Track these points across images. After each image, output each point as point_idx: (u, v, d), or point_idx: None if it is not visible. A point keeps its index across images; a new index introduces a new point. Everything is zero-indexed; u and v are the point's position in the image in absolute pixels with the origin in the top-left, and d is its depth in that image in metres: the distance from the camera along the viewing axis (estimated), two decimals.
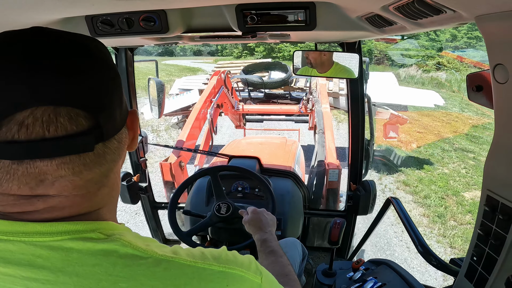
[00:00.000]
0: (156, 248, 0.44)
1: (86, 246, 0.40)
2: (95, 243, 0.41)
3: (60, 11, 0.88)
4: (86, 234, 0.42)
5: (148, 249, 0.43)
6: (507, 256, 0.67)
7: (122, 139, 0.47)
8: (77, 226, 0.42)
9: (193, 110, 3.55)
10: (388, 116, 5.33)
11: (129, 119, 0.50)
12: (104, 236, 0.42)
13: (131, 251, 0.42)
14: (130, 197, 2.09)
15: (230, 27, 1.04)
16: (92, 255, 0.40)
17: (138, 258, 0.42)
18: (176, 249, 0.47)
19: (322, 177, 2.71)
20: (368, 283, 1.10)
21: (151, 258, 0.42)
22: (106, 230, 0.44)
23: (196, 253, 0.47)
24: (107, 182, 0.47)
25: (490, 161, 0.72)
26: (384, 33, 1.02)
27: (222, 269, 0.47)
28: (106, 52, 0.46)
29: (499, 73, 0.61)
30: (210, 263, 0.46)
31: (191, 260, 0.45)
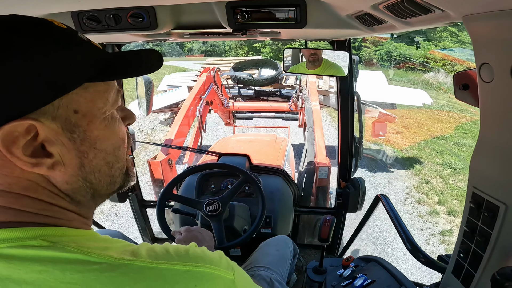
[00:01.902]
0: (115, 250, 0.41)
1: (29, 253, 0.37)
2: (38, 250, 0.38)
3: (45, 7, 0.85)
4: (27, 242, 0.38)
5: (102, 253, 0.40)
6: (492, 253, 0.68)
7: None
8: (16, 233, 0.38)
9: (182, 107, 3.53)
10: (377, 114, 5.39)
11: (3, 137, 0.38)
12: (48, 243, 0.39)
13: (81, 257, 0.39)
14: (118, 196, 2.06)
15: (220, 24, 1.03)
16: (37, 262, 0.37)
17: (91, 264, 0.38)
18: (138, 249, 0.43)
19: (311, 174, 2.73)
20: (358, 279, 1.11)
21: (105, 263, 0.39)
22: (52, 236, 0.40)
23: (160, 252, 0.44)
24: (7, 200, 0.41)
25: (475, 159, 0.73)
26: (374, 31, 1.03)
27: (188, 268, 0.43)
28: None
29: (485, 72, 0.62)
30: (175, 262, 0.43)
31: (152, 261, 0.41)
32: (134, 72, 0.50)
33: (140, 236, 2.48)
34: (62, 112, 0.41)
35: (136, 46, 9.48)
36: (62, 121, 0.41)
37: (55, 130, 0.41)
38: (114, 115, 0.49)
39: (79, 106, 0.43)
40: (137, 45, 1.72)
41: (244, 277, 0.52)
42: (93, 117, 0.45)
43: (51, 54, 0.39)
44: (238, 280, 0.48)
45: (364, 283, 1.09)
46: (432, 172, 5.99)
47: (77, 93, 0.42)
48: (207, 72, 4.39)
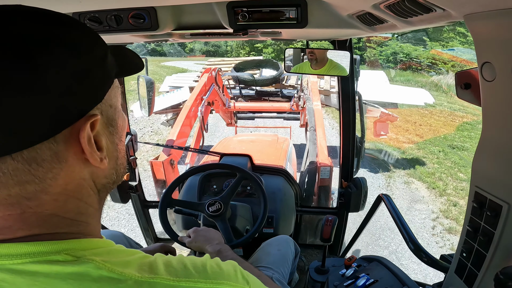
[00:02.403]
0: (135, 266, 0.40)
1: (54, 269, 0.36)
2: (63, 266, 0.36)
3: (46, 8, 0.86)
4: (51, 257, 0.37)
5: (125, 271, 0.39)
6: (495, 252, 0.68)
7: (40, 158, 0.36)
8: (39, 247, 0.37)
9: (184, 108, 3.53)
10: (378, 114, 5.38)
11: (77, 129, 0.39)
12: (73, 258, 0.38)
13: (106, 274, 0.37)
14: (120, 196, 2.06)
15: (221, 24, 1.03)
16: (62, 280, 0.35)
17: (116, 282, 0.37)
18: (156, 263, 0.42)
19: (313, 174, 2.73)
20: (360, 279, 1.11)
21: (130, 281, 0.38)
22: (76, 250, 0.39)
23: (178, 268, 0.43)
24: (38, 205, 0.38)
25: (478, 158, 0.73)
26: (375, 31, 1.02)
27: (209, 285, 0.43)
28: (25, 37, 0.34)
29: (486, 71, 0.62)
30: (196, 280, 0.42)
31: (173, 279, 0.41)
32: (135, 69, 0.51)
33: (143, 237, 2.48)
34: (104, 106, 0.43)
35: (137, 47, 9.46)
36: (105, 115, 0.44)
37: (102, 124, 0.43)
38: None
39: (111, 100, 0.45)
40: (138, 45, 1.72)
41: (258, 286, 0.53)
42: (118, 111, 0.47)
43: (97, 51, 0.41)
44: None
45: (366, 283, 1.09)
46: (458, 191, 5.11)
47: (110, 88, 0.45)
48: (209, 72, 4.39)
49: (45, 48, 0.34)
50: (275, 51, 24.89)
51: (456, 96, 0.82)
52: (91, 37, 0.41)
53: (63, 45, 0.36)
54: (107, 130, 0.44)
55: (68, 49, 0.37)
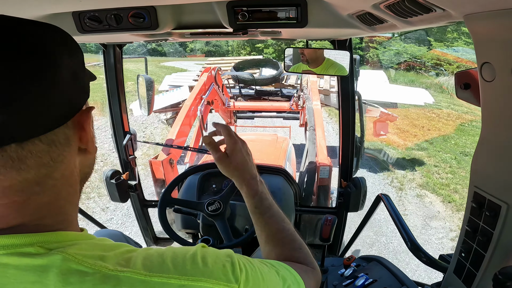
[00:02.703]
0: (112, 259, 0.40)
1: (23, 261, 0.37)
2: (33, 258, 0.37)
3: (46, 7, 0.86)
4: (23, 249, 0.38)
5: (97, 263, 0.39)
6: (494, 252, 0.68)
7: (57, 141, 0.40)
8: (13, 240, 0.38)
9: (183, 107, 3.52)
10: (378, 114, 5.38)
11: (81, 117, 0.44)
12: (45, 250, 0.38)
13: (75, 266, 0.38)
14: (119, 196, 2.06)
15: (221, 23, 1.03)
16: (31, 272, 0.36)
17: (83, 274, 0.37)
18: (135, 258, 0.42)
19: (313, 174, 2.73)
20: (359, 279, 1.11)
21: (98, 274, 0.38)
22: (49, 243, 0.39)
23: (156, 262, 0.42)
24: (42, 190, 0.41)
25: (477, 158, 0.73)
26: (375, 31, 1.02)
27: (183, 282, 0.41)
28: (44, 39, 0.40)
29: (486, 71, 0.62)
30: (169, 275, 0.41)
31: (146, 273, 0.40)
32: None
33: (142, 236, 2.48)
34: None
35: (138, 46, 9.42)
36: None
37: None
38: None
39: None
40: (139, 45, 1.72)
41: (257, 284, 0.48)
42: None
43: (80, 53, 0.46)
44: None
45: (365, 283, 1.09)
46: None
47: None
48: (208, 72, 4.38)
49: (57, 51, 0.41)
50: (276, 51, 24.61)
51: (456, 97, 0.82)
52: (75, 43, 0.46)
53: (66, 49, 0.43)
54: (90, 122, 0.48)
55: (68, 52, 0.43)
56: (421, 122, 8.90)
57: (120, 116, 1.97)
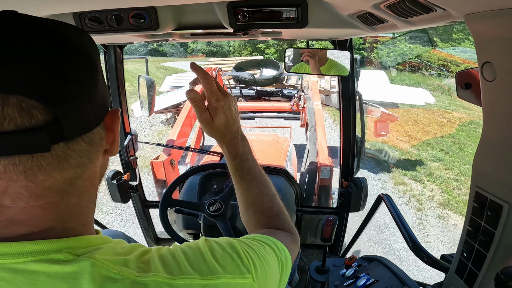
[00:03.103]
0: (133, 263, 0.41)
1: (53, 269, 0.36)
2: (63, 265, 0.37)
3: (47, 8, 0.86)
4: (52, 255, 0.37)
5: (122, 269, 0.39)
6: (496, 252, 0.68)
7: (94, 141, 0.41)
8: (41, 246, 0.37)
9: (184, 107, 3.53)
10: (379, 114, 5.38)
11: (109, 118, 0.44)
12: (73, 257, 0.38)
13: (105, 273, 0.38)
14: (121, 196, 2.06)
15: (221, 24, 1.03)
16: (61, 279, 0.36)
17: (113, 281, 0.38)
18: (152, 259, 0.43)
19: (314, 174, 2.73)
20: (360, 279, 1.11)
21: (127, 280, 0.38)
22: (76, 248, 0.39)
23: (172, 264, 0.43)
24: (73, 191, 0.41)
25: (478, 158, 0.73)
26: (375, 31, 1.02)
27: (205, 282, 0.42)
28: (84, 41, 0.41)
29: (487, 71, 0.62)
30: (191, 276, 0.42)
31: (170, 277, 0.41)
32: None
33: (143, 236, 2.48)
34: None
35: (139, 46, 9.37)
36: None
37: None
38: None
39: None
40: (139, 45, 1.72)
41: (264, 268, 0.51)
42: None
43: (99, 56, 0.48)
44: (257, 278, 0.48)
45: (366, 283, 1.09)
46: None
47: None
48: (209, 72, 4.38)
49: (94, 53, 0.43)
50: (277, 52, 24.41)
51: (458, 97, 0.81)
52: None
53: (97, 52, 0.44)
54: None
55: (98, 54, 0.44)
56: (432, 128, 8.44)
57: (121, 117, 1.97)
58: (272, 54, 24.05)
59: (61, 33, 0.38)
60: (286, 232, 0.70)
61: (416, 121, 8.91)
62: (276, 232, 0.68)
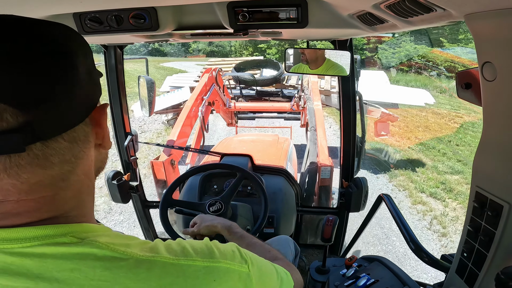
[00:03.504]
0: (136, 247, 0.43)
1: (60, 250, 0.38)
2: (69, 247, 0.39)
3: (47, 8, 0.86)
4: (58, 239, 0.39)
5: (127, 250, 0.41)
6: (496, 252, 0.68)
7: (78, 138, 0.42)
8: (46, 231, 0.39)
9: (184, 108, 3.53)
10: (379, 114, 5.38)
11: (97, 114, 0.45)
12: (78, 240, 0.40)
13: (109, 253, 0.40)
14: (121, 196, 2.06)
15: (221, 24, 1.03)
16: (68, 260, 0.38)
17: (118, 260, 0.40)
18: (157, 246, 0.45)
19: (314, 174, 2.73)
20: (361, 279, 1.11)
21: (131, 259, 0.41)
22: (79, 233, 0.41)
23: (177, 249, 0.46)
24: (67, 186, 0.43)
25: (478, 158, 0.73)
26: (375, 31, 1.02)
27: (206, 264, 0.46)
28: (62, 40, 0.41)
29: (487, 71, 0.62)
30: (194, 258, 0.45)
31: (173, 257, 0.44)
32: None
33: (143, 237, 2.48)
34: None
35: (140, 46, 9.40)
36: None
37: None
38: None
39: None
40: (141, 45, 1.72)
41: (259, 265, 0.55)
42: None
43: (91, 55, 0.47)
44: (253, 271, 0.51)
45: (367, 283, 1.09)
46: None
47: None
48: (209, 72, 4.39)
49: (74, 50, 0.42)
50: (279, 52, 24.22)
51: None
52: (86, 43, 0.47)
53: (81, 48, 0.44)
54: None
55: (82, 51, 0.44)
56: (446, 135, 7.84)
57: (121, 117, 1.97)
58: (274, 55, 23.79)
59: (35, 33, 0.38)
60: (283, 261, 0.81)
61: (428, 127, 8.54)
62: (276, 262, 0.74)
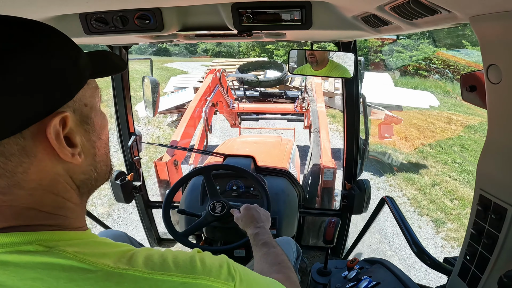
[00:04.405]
0: (112, 258, 0.41)
1: (23, 259, 0.37)
2: (33, 256, 0.38)
3: (53, 9, 0.87)
4: (22, 247, 0.38)
5: (98, 261, 0.39)
6: (500, 255, 0.68)
7: (8, 152, 0.38)
8: (12, 238, 0.38)
9: (188, 108, 3.54)
10: (382, 116, 5.36)
11: (48, 127, 0.40)
12: (44, 249, 0.39)
13: (76, 264, 0.38)
14: (124, 196, 2.07)
15: (225, 25, 1.03)
16: (31, 269, 0.37)
17: (85, 272, 0.38)
18: (136, 257, 0.43)
19: (317, 176, 2.72)
20: (362, 282, 1.10)
21: (100, 271, 0.39)
22: (48, 241, 0.40)
23: (157, 261, 0.43)
24: (17, 197, 0.40)
25: (483, 161, 0.72)
26: (380, 33, 1.02)
27: (185, 279, 0.42)
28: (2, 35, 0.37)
29: (492, 73, 0.62)
30: (171, 273, 0.42)
31: (148, 271, 0.41)
32: (112, 71, 0.54)
33: (146, 237, 2.49)
34: (77, 105, 0.45)
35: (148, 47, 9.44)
36: (78, 113, 0.45)
37: (75, 122, 0.44)
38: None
39: (86, 100, 0.46)
40: (141, 44, 1.73)
41: (249, 282, 0.51)
42: (95, 110, 0.48)
43: (66, 53, 0.43)
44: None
45: (368, 285, 1.09)
46: None
47: (84, 88, 0.46)
48: (213, 73, 4.40)
49: (13, 52, 0.36)
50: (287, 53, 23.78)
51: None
52: (59, 41, 0.43)
53: (30, 49, 0.38)
54: (81, 128, 0.46)
55: (35, 52, 0.38)
56: (475, 149, 7.03)
57: (125, 117, 1.98)
58: (282, 56, 23.37)
59: None
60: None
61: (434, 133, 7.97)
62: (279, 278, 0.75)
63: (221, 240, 1.67)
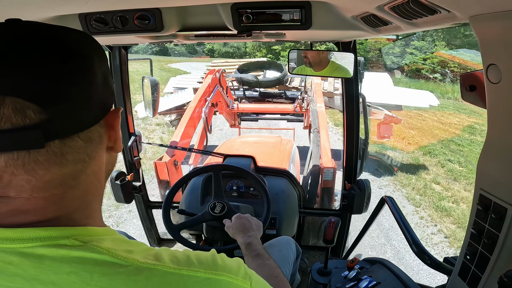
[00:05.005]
0: (139, 254, 0.42)
1: (60, 253, 0.38)
2: (69, 250, 0.39)
3: (53, 9, 0.87)
4: (60, 241, 0.39)
5: (128, 256, 0.41)
6: (500, 255, 0.68)
7: (93, 138, 0.43)
8: (50, 232, 0.40)
9: (188, 109, 3.54)
10: (382, 116, 5.36)
11: (111, 117, 0.47)
12: (80, 243, 0.40)
13: (109, 259, 0.40)
14: (124, 197, 2.07)
15: (225, 25, 1.03)
16: (66, 263, 0.38)
17: (118, 266, 0.40)
18: (160, 254, 0.45)
19: (317, 176, 2.72)
20: (363, 281, 1.10)
21: (131, 266, 0.40)
22: (83, 236, 0.41)
23: (181, 258, 0.45)
24: (76, 185, 0.43)
25: (482, 160, 0.72)
26: (379, 32, 1.02)
27: (208, 275, 0.45)
28: (80, 46, 0.43)
29: (492, 73, 0.62)
30: (196, 269, 0.44)
31: (175, 267, 0.43)
32: None
33: (146, 237, 2.49)
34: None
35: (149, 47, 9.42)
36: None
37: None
38: None
39: None
40: (148, 46, 1.73)
41: (261, 285, 0.54)
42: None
43: (106, 60, 0.49)
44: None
45: (369, 285, 1.09)
46: None
47: None
48: (213, 74, 4.40)
49: (92, 56, 0.44)
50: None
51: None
52: (102, 49, 0.48)
53: (99, 53, 0.46)
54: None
55: (102, 58, 0.46)
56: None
57: (125, 117, 1.98)
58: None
59: (56, 39, 0.41)
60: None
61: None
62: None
63: (221, 240, 1.67)
